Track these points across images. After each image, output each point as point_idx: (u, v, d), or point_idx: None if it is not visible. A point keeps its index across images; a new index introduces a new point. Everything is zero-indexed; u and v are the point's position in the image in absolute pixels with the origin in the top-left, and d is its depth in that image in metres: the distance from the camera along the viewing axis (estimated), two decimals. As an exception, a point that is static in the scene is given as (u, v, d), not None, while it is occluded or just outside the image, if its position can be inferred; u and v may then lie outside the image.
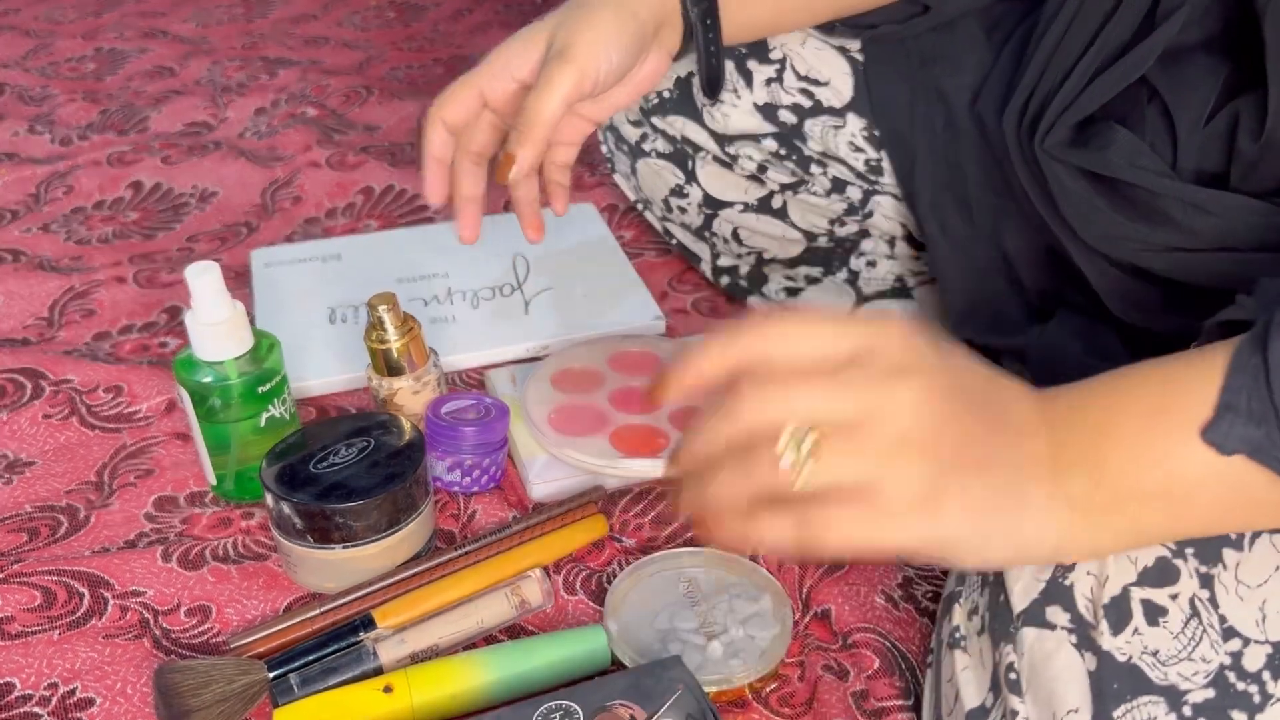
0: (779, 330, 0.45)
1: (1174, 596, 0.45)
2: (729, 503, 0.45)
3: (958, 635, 0.52)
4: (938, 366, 0.44)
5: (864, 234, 0.84)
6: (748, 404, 0.44)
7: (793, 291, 0.88)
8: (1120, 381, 0.46)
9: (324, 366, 0.83)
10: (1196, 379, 0.43)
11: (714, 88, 0.75)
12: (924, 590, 0.65)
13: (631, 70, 0.67)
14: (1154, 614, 0.45)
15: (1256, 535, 0.46)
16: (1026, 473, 0.44)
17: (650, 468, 0.72)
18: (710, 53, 0.72)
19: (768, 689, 0.60)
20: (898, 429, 0.42)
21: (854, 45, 0.80)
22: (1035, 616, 0.48)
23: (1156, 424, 0.44)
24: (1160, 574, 0.46)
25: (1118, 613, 0.46)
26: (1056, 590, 0.47)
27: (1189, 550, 0.46)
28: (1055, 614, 0.47)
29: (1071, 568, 0.48)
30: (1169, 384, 0.44)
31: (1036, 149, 0.63)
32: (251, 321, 0.70)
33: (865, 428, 0.42)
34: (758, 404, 0.43)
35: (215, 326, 0.66)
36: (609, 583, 0.66)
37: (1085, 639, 0.46)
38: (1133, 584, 0.46)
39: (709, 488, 0.45)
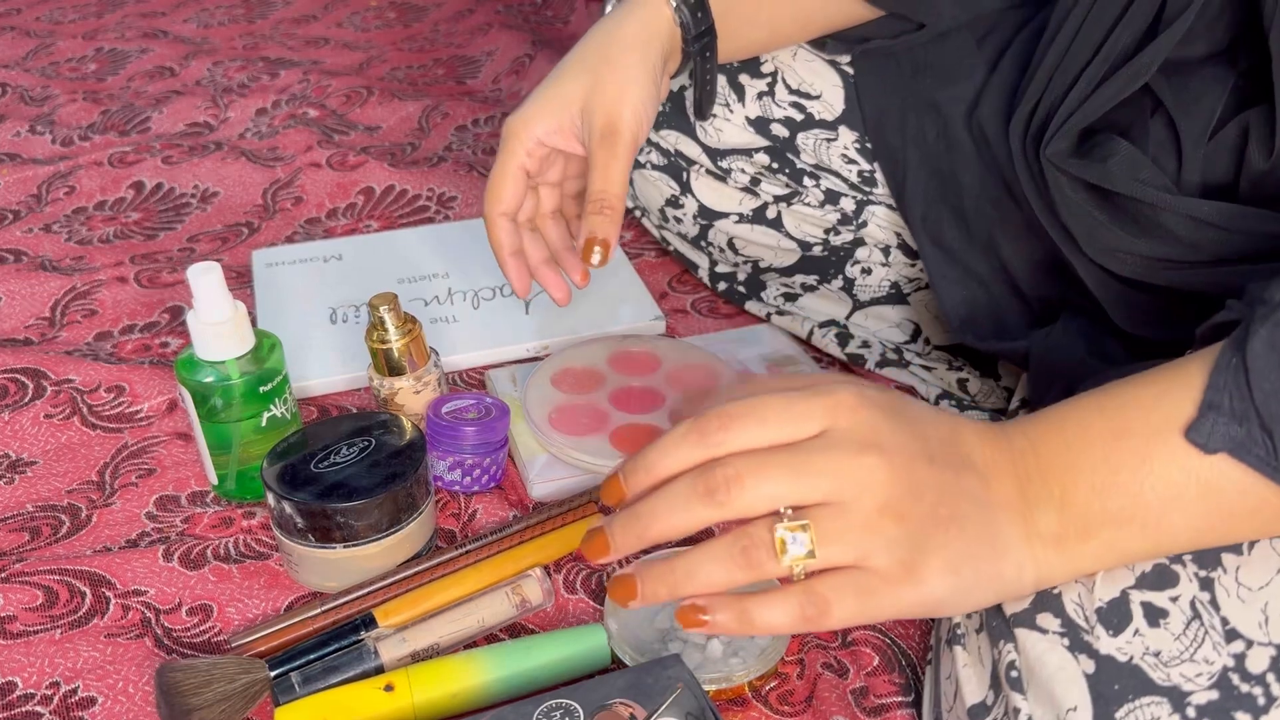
0: (740, 424, 0.45)
1: (1174, 599, 0.46)
2: (720, 587, 0.45)
3: (958, 632, 0.53)
4: (898, 430, 0.45)
5: (859, 243, 0.85)
6: (731, 494, 0.44)
7: (790, 297, 0.88)
8: (1076, 410, 0.46)
9: (325, 366, 0.83)
10: (1176, 385, 0.44)
11: (704, 110, 0.77)
12: (923, 589, 0.66)
13: None
14: (1155, 616, 0.45)
15: (1256, 540, 0.46)
16: (999, 517, 0.45)
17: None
18: (705, 80, 0.74)
19: (767, 687, 0.60)
20: (874, 502, 0.44)
21: (845, 59, 0.80)
22: (1026, 621, 0.48)
23: (1121, 447, 0.44)
24: (1159, 578, 0.46)
25: (1117, 615, 0.46)
26: (1045, 599, 0.48)
27: (1186, 556, 0.46)
28: (1046, 620, 0.47)
29: None
30: (1131, 403, 0.45)
31: (1041, 157, 0.62)
32: (253, 321, 0.70)
33: (843, 507, 0.44)
34: (739, 493, 0.44)
35: (217, 326, 0.66)
36: (609, 581, 0.66)
37: (1079, 642, 0.46)
38: (1131, 587, 0.46)
39: (699, 576, 0.45)
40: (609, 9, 0.73)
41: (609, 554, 0.47)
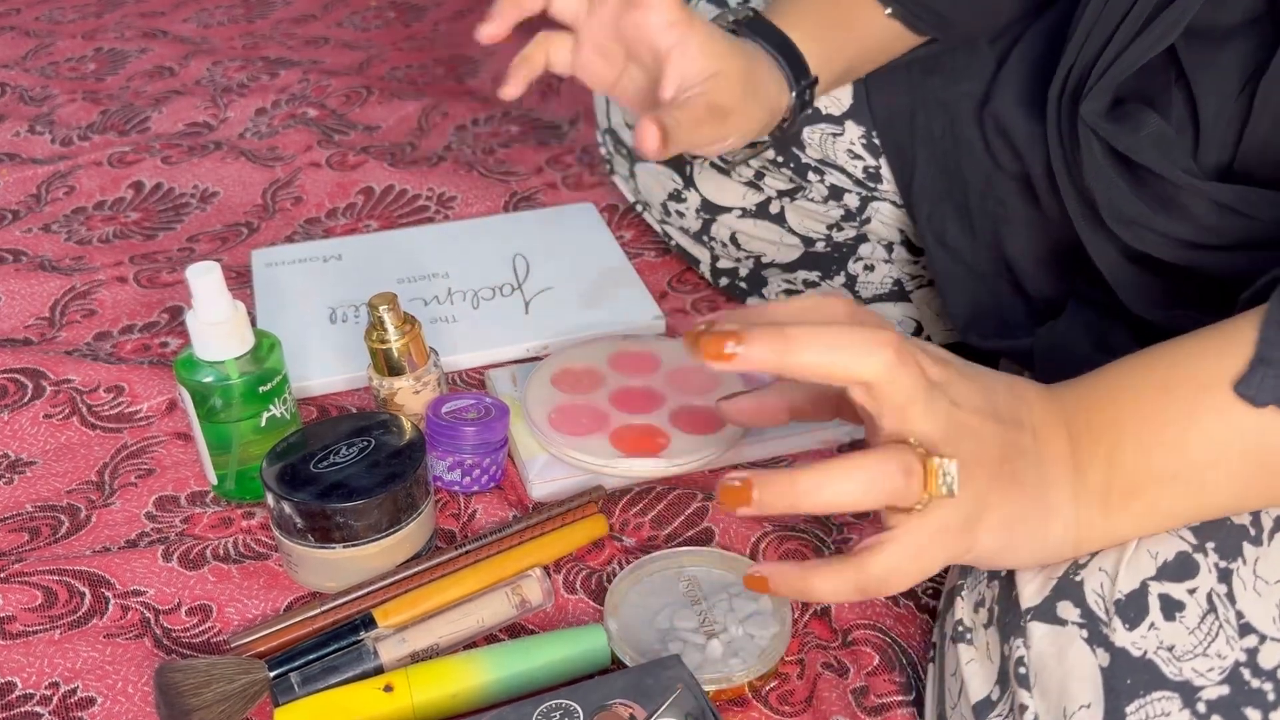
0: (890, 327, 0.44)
1: (1192, 591, 0.46)
2: (847, 506, 0.44)
3: (961, 629, 0.52)
4: (981, 390, 0.45)
5: (861, 239, 0.84)
6: (899, 362, 0.42)
7: (792, 293, 0.88)
8: (1132, 366, 0.47)
9: (325, 366, 0.83)
10: (1225, 340, 0.44)
11: (786, 145, 0.79)
12: (924, 586, 0.66)
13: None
14: (1171, 609, 0.45)
15: (1276, 531, 0.46)
16: (1051, 476, 0.46)
17: (650, 467, 0.72)
18: (795, 120, 0.73)
19: (767, 687, 0.60)
20: (962, 462, 0.43)
21: None
22: (1046, 613, 0.48)
23: (1168, 402, 0.44)
24: (1180, 568, 0.46)
25: (1134, 608, 0.46)
26: (1068, 586, 0.48)
27: (1210, 545, 0.46)
28: (1066, 609, 0.47)
29: (1084, 564, 0.48)
30: (1181, 359, 0.45)
31: (1080, 115, 0.62)
32: (252, 321, 0.70)
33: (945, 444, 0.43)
34: (904, 369, 0.42)
35: (216, 326, 0.66)
36: (609, 582, 0.66)
37: (1097, 634, 0.46)
38: (1151, 578, 0.46)
39: (825, 493, 0.43)
40: None
41: (753, 509, 0.44)
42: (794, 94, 0.69)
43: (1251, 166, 0.58)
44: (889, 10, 0.71)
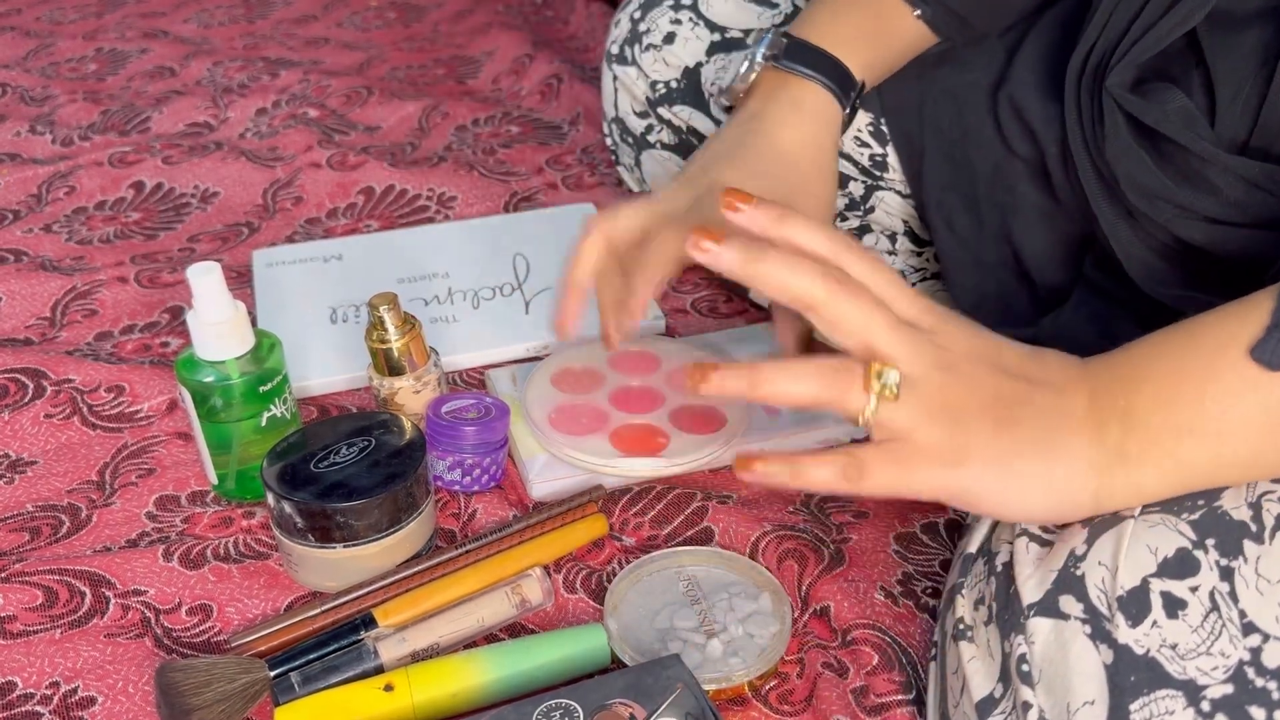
0: (883, 269, 0.51)
1: (1194, 589, 0.46)
2: (793, 400, 0.50)
3: (962, 627, 0.52)
4: (977, 336, 0.50)
5: (865, 229, 0.84)
6: (843, 292, 0.49)
7: None
8: (1154, 336, 0.49)
9: (325, 366, 0.83)
10: (1245, 309, 0.46)
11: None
12: (924, 586, 0.66)
13: None
14: (1173, 606, 0.45)
15: (1277, 529, 0.46)
16: (1060, 426, 0.48)
17: (650, 467, 0.72)
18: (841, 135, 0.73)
19: (767, 687, 0.60)
20: (936, 386, 0.48)
21: None
22: (1049, 607, 0.48)
23: (1187, 362, 0.47)
24: (1180, 565, 0.46)
25: (1136, 604, 0.46)
26: (1068, 580, 0.48)
27: (1210, 541, 0.46)
28: (1068, 604, 0.47)
29: (1083, 557, 0.48)
30: (1201, 327, 0.47)
31: (1103, 90, 0.62)
32: (253, 321, 0.70)
33: (912, 381, 0.48)
34: (848, 298, 0.49)
35: (217, 326, 0.66)
36: (609, 581, 0.66)
37: (1100, 631, 0.46)
38: (1152, 575, 0.46)
39: (778, 383, 0.50)
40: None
41: (711, 388, 0.50)
42: (846, 111, 0.70)
43: (1266, 149, 0.59)
44: (917, 12, 0.71)
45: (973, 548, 0.56)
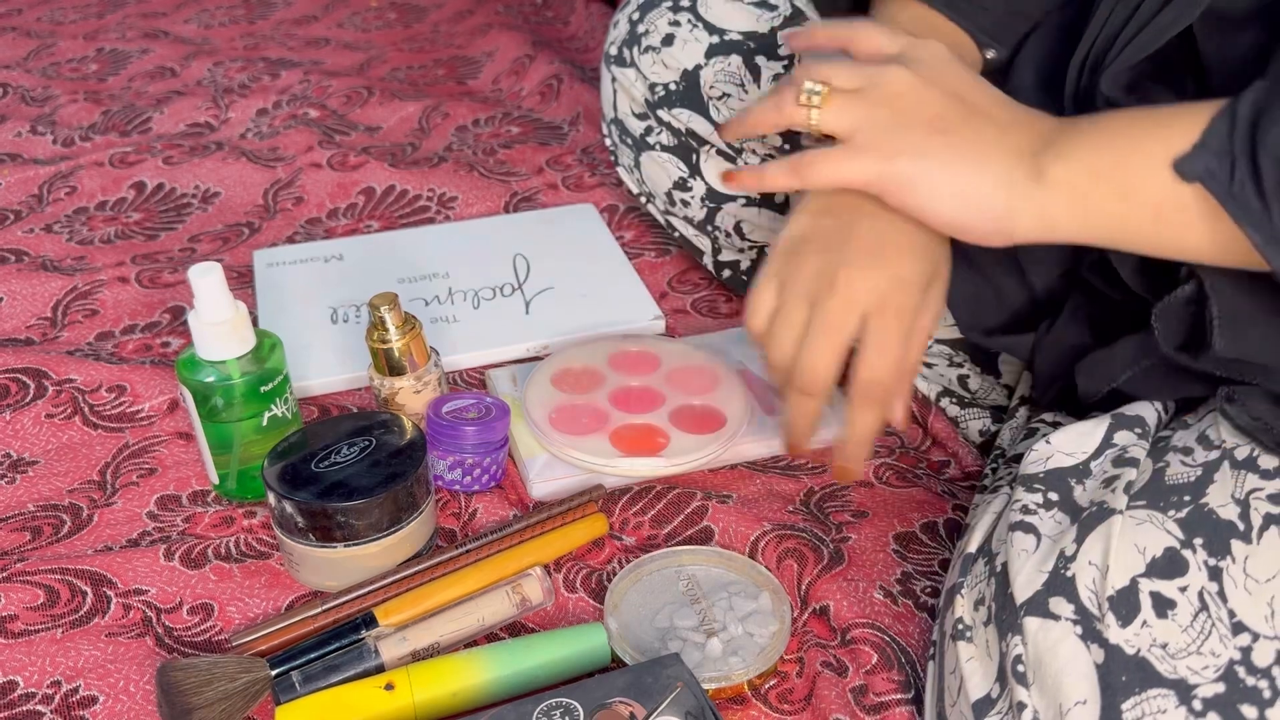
0: (860, 27, 0.60)
1: (1183, 589, 0.46)
2: (762, 128, 0.62)
3: (961, 627, 0.53)
4: (946, 69, 0.58)
5: None
6: (796, 73, 0.59)
7: None
8: (1112, 112, 0.54)
9: (326, 366, 0.84)
10: (1190, 117, 0.49)
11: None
12: (923, 585, 0.66)
13: None
14: (1163, 606, 0.46)
15: (1265, 529, 0.46)
16: (996, 147, 0.54)
17: (650, 467, 0.72)
18: None
19: (766, 686, 0.60)
20: (884, 94, 0.56)
21: None
22: (1039, 607, 0.48)
23: (1124, 132, 0.51)
24: (1169, 565, 0.46)
25: (1126, 605, 0.46)
26: (1059, 582, 0.48)
27: (1198, 541, 0.46)
28: (1059, 605, 0.47)
29: (1073, 558, 0.48)
30: (1151, 115, 0.52)
31: (1101, 88, 0.62)
32: (254, 321, 0.70)
33: (861, 92, 0.57)
34: (801, 71, 0.58)
35: (218, 326, 0.66)
36: (609, 581, 0.66)
37: (1090, 631, 0.46)
38: (1141, 575, 0.46)
39: (748, 122, 0.62)
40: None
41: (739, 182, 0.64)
42: None
43: None
44: (990, 54, 0.71)
45: (973, 547, 0.56)
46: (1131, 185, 0.51)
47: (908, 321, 0.59)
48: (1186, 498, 0.48)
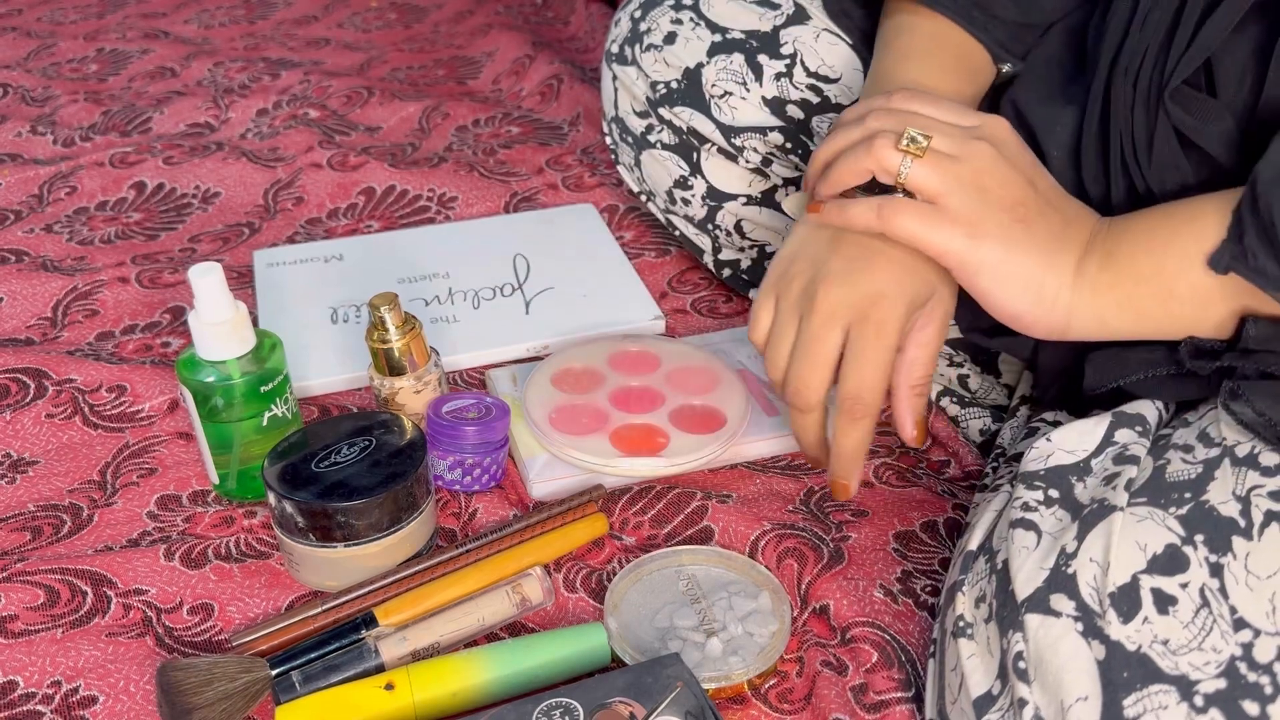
0: (929, 97, 0.60)
1: (1184, 585, 0.46)
2: (850, 178, 0.60)
3: (962, 624, 0.53)
4: (1022, 156, 0.58)
5: None
6: (881, 116, 0.59)
7: None
8: (1151, 210, 0.57)
9: (326, 366, 0.84)
10: (1218, 208, 0.53)
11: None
12: (923, 584, 0.66)
13: None
14: (1164, 603, 0.46)
15: (1266, 525, 0.46)
16: (1062, 244, 0.56)
17: (650, 467, 0.72)
18: None
19: (767, 685, 0.60)
20: (974, 169, 0.56)
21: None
22: (1040, 604, 0.48)
23: (1160, 232, 0.54)
24: (1170, 561, 0.46)
25: (1127, 601, 0.46)
26: (1060, 578, 0.48)
27: (1199, 538, 0.46)
28: (1059, 601, 0.47)
29: (1074, 554, 0.48)
30: (1185, 210, 0.55)
31: (1164, 104, 0.61)
32: (254, 321, 0.70)
33: (955, 158, 0.57)
34: (892, 118, 0.59)
35: (218, 326, 0.66)
36: (609, 580, 0.66)
37: (1092, 627, 0.46)
38: (1142, 571, 0.46)
39: (832, 179, 0.60)
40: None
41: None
42: None
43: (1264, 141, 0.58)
44: (1006, 67, 0.71)
45: (973, 545, 0.56)
46: (1173, 287, 0.54)
47: (890, 336, 0.59)
48: (1187, 495, 0.48)
